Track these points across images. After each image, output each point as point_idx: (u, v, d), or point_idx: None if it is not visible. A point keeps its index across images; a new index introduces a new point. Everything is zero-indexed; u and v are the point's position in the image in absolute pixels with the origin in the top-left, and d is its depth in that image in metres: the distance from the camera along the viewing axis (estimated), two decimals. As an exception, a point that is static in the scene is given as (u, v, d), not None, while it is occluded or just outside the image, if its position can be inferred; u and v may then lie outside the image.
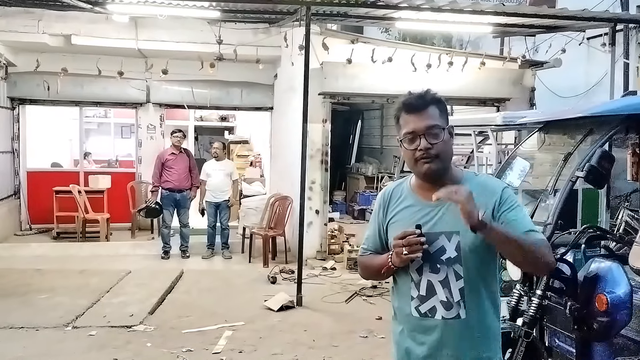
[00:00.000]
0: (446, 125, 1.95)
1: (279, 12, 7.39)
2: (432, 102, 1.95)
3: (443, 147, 1.91)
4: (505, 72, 8.57)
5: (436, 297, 1.94)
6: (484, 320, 1.97)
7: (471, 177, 2.03)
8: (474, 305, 1.93)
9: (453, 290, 1.92)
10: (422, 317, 1.96)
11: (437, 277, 1.93)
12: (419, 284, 1.96)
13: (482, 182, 2.00)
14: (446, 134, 1.93)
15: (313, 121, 7.35)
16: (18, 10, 8.25)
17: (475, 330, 1.94)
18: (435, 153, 1.90)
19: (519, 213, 1.93)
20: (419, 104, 1.94)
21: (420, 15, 6.69)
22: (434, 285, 1.94)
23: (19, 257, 8.06)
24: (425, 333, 1.97)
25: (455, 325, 1.93)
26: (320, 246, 8.35)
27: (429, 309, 1.95)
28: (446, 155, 1.93)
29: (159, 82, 9.70)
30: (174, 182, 8.25)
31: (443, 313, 1.93)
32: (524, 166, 4.61)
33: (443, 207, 1.93)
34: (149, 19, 8.30)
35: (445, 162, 1.94)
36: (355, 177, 13.06)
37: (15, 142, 9.56)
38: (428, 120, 1.91)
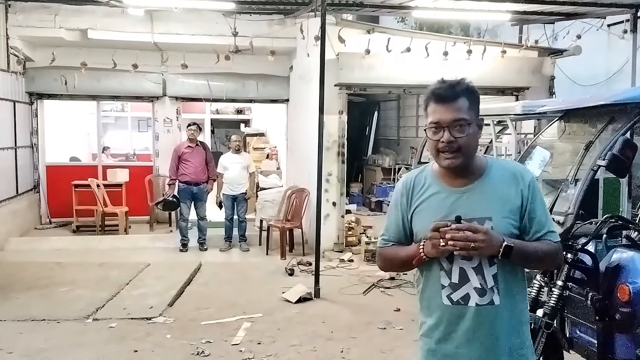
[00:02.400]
0: (475, 118, 1.91)
1: (294, 3, 7.37)
2: (463, 93, 1.90)
3: (467, 141, 1.88)
4: (524, 61, 8.44)
5: (469, 284, 1.92)
6: (516, 305, 1.97)
7: (495, 163, 2.00)
8: (507, 291, 1.92)
9: (487, 277, 1.91)
10: (455, 304, 1.94)
11: (470, 264, 1.92)
12: (451, 272, 1.94)
13: (508, 168, 1.98)
14: (473, 128, 1.90)
15: (329, 113, 7.32)
16: (35, 5, 8.35)
17: (508, 315, 1.94)
18: (457, 146, 1.87)
19: (542, 207, 1.93)
20: (448, 94, 1.89)
21: (437, 4, 6.62)
22: (466, 272, 1.92)
23: (39, 250, 8.18)
24: (457, 321, 1.95)
25: (489, 311, 1.92)
26: (338, 238, 8.34)
27: (462, 296, 1.94)
28: (469, 149, 1.90)
29: (175, 76, 9.74)
30: (190, 175, 8.30)
31: (477, 300, 1.92)
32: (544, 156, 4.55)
33: (471, 192, 1.92)
34: (164, 12, 8.33)
35: (468, 156, 1.91)
36: (372, 169, 13.01)
37: (34, 137, 9.67)
38: (455, 113, 1.87)
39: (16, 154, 8.94)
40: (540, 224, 1.91)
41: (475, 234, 1.77)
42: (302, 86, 8.89)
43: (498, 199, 1.90)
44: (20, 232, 8.90)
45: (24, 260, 7.57)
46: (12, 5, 8.51)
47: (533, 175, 1.98)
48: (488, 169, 1.95)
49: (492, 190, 1.92)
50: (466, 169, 1.93)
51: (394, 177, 12.10)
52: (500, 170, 1.95)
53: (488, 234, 1.79)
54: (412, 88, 8.44)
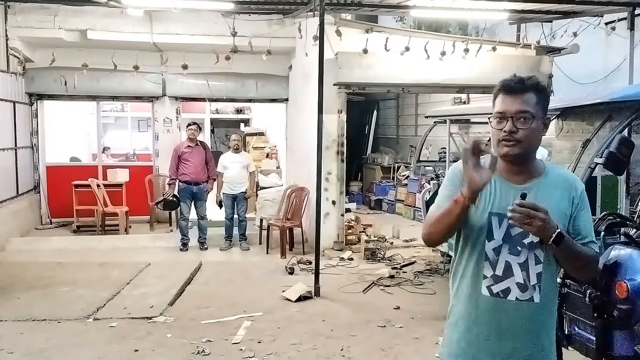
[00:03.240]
0: (541, 115, 1.95)
1: (293, 3, 7.39)
2: (531, 88, 1.94)
3: (528, 134, 1.91)
4: (522, 59, 8.45)
5: (512, 278, 1.96)
6: (552, 308, 2.04)
7: (553, 169, 2.05)
8: (547, 290, 1.97)
9: (531, 274, 1.95)
10: (494, 296, 1.98)
11: (517, 259, 1.96)
12: (496, 264, 1.97)
13: (563, 175, 2.04)
14: (536, 123, 1.93)
15: (328, 112, 7.34)
16: (34, 6, 8.38)
17: (545, 315, 2.00)
18: (518, 138, 1.91)
19: (588, 218, 1.99)
20: (516, 87, 1.94)
21: (435, 3, 6.63)
22: (512, 266, 1.96)
23: (40, 250, 8.21)
24: (494, 314, 1.98)
25: (529, 307, 1.96)
26: (337, 237, 8.36)
27: (503, 289, 1.97)
28: (529, 142, 1.93)
29: (175, 76, 9.75)
30: (190, 175, 8.32)
31: (517, 294, 1.96)
32: (542, 154, 4.57)
33: (528, 190, 1.93)
34: (163, 13, 8.35)
35: (527, 149, 1.94)
36: (372, 168, 13.04)
37: (34, 137, 9.69)
38: (521, 105, 1.92)
39: (16, 155, 8.96)
40: (585, 232, 1.97)
41: (537, 212, 1.79)
42: (302, 85, 8.91)
43: (551, 201, 1.92)
44: (21, 232, 8.93)
45: (24, 260, 7.59)
46: (12, 6, 8.52)
47: (583, 187, 2.02)
48: (546, 172, 2.00)
49: (547, 192, 1.96)
50: (525, 166, 1.98)
51: (393, 176, 12.14)
52: (556, 175, 2.01)
53: (547, 216, 1.81)
54: (410, 87, 8.46)
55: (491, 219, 1.97)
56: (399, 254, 7.79)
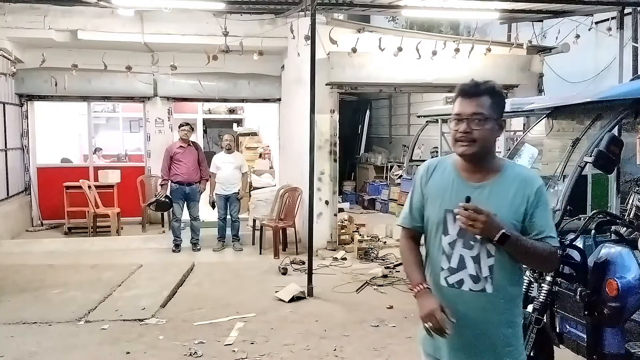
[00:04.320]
0: (495, 117, 2.06)
1: (284, 3, 7.37)
2: (486, 92, 2.07)
3: (482, 135, 2.04)
4: (513, 59, 8.49)
5: (465, 270, 2.10)
6: (510, 300, 2.12)
7: (511, 167, 2.14)
8: (501, 284, 2.08)
9: (483, 266, 2.08)
10: (450, 287, 2.13)
11: (470, 252, 2.09)
12: (451, 257, 2.12)
13: (520, 173, 2.11)
14: (490, 124, 2.05)
15: (321, 112, 7.34)
16: (24, 6, 8.30)
17: (500, 306, 2.10)
18: (473, 137, 2.04)
19: (545, 214, 2.06)
20: (472, 91, 2.07)
21: (426, 3, 6.64)
22: (465, 259, 2.10)
23: (31, 252, 8.15)
24: (451, 303, 2.10)
25: (480, 298, 2.09)
26: (331, 237, 8.36)
27: (457, 281, 2.12)
28: (484, 142, 2.05)
29: (166, 76, 9.71)
30: (183, 176, 8.29)
31: (470, 286, 2.10)
32: (532, 153, 4.59)
33: (484, 188, 2.08)
34: (154, 13, 8.31)
35: (482, 148, 2.06)
36: (365, 167, 13.05)
37: (25, 139, 9.63)
38: (475, 107, 2.04)
39: (6, 156, 8.91)
40: (541, 228, 2.04)
41: (478, 215, 1.94)
42: (294, 85, 8.90)
43: (505, 199, 2.04)
44: (12, 235, 8.86)
45: (15, 262, 7.54)
46: (1, 6, 8.43)
47: (542, 184, 2.08)
48: (503, 170, 2.10)
49: (501, 189, 2.06)
50: (482, 165, 2.10)
51: (386, 175, 12.15)
52: (513, 173, 2.09)
53: (489, 218, 1.95)
54: (402, 87, 8.47)
55: (446, 215, 2.12)
56: (392, 254, 7.80)
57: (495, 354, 2.11)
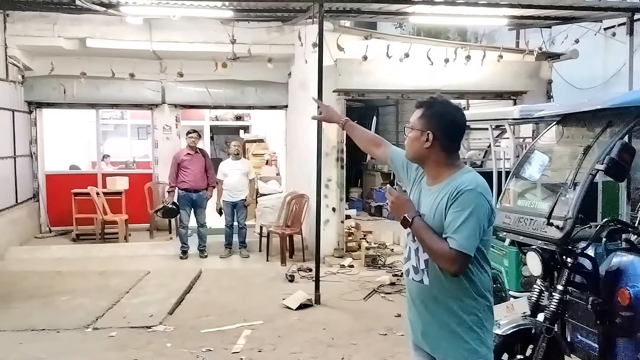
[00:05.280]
0: (419, 127, 2.27)
1: (292, 10, 7.38)
2: (421, 105, 2.32)
3: (407, 142, 2.33)
4: (521, 65, 8.45)
5: (410, 261, 2.37)
6: (448, 292, 2.23)
7: (460, 175, 2.25)
8: (437, 277, 2.24)
9: (420, 259, 2.30)
10: (405, 274, 2.43)
11: (414, 245, 2.33)
12: (406, 247, 2.42)
13: (457, 179, 2.22)
14: (413, 133, 2.29)
15: (328, 118, 7.31)
16: (33, 14, 8.36)
17: (440, 298, 2.25)
18: (407, 144, 2.34)
19: (456, 217, 2.14)
20: (415, 104, 2.36)
21: (434, 10, 6.62)
22: (411, 251, 2.36)
23: (39, 259, 8.18)
24: (407, 289, 2.44)
25: (421, 288, 2.31)
26: (338, 244, 8.34)
27: (407, 269, 2.40)
28: (409, 149, 2.34)
29: (174, 83, 9.75)
30: (190, 182, 8.30)
31: (413, 275, 2.35)
32: (542, 160, 4.55)
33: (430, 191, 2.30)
34: (162, 20, 8.36)
35: (411, 154, 2.35)
36: (371, 174, 13.01)
37: (34, 146, 9.67)
38: (411, 118, 2.33)
39: (15, 163, 8.94)
40: (447, 227, 2.16)
41: (391, 195, 2.29)
42: (301, 92, 8.90)
43: (437, 202, 2.22)
44: (20, 241, 8.90)
45: (24, 269, 7.57)
46: (11, 14, 8.52)
47: (469, 190, 2.16)
48: (451, 178, 2.24)
49: (439, 193, 2.24)
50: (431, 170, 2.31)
51: (393, 181, 12.09)
52: (453, 181, 2.22)
53: (398, 200, 2.28)
54: (410, 93, 8.45)
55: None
56: (400, 261, 7.74)
57: (449, 343, 2.24)
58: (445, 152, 2.27)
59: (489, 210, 2.19)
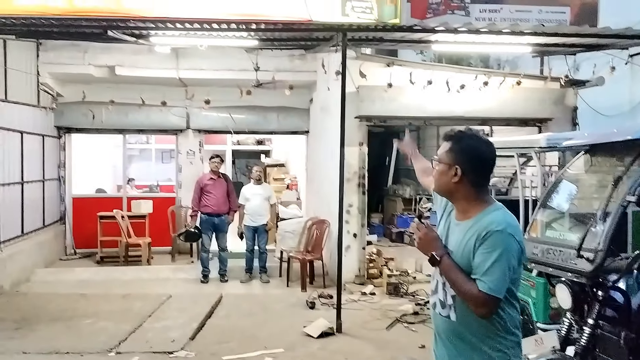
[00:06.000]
0: (447, 161, 2.24)
1: (315, 39, 7.48)
2: (449, 138, 2.29)
3: (435, 175, 2.31)
4: (546, 92, 8.41)
5: (437, 295, 2.33)
6: (473, 325, 2.19)
7: (488, 212, 2.20)
8: (464, 314, 2.20)
9: (448, 294, 2.26)
10: (431, 307, 2.40)
11: (442, 279, 2.28)
12: (433, 279, 2.37)
13: (487, 218, 2.18)
14: (442, 167, 2.25)
15: (350, 144, 7.36)
16: (65, 43, 8.63)
17: (464, 333, 2.22)
18: (434, 177, 2.32)
19: (485, 259, 2.10)
20: (444, 136, 2.33)
21: (457, 38, 6.64)
22: (438, 284, 2.32)
23: (64, 281, 8.28)
24: (434, 321, 2.39)
25: (447, 323, 2.28)
26: (359, 270, 8.27)
27: (433, 303, 2.37)
28: (437, 182, 2.30)
29: (199, 109, 9.92)
30: (212, 207, 8.37)
31: (440, 310, 2.31)
32: (570, 189, 4.50)
33: (459, 227, 2.25)
34: (189, 49, 8.56)
35: (438, 188, 2.32)
36: (393, 199, 12.94)
37: (62, 170, 9.88)
38: (439, 150, 2.31)
39: (44, 187, 9.15)
40: (476, 269, 2.12)
41: (418, 230, 2.24)
42: (322, 118, 8.97)
43: (465, 240, 2.18)
44: (46, 263, 9.03)
45: (49, 291, 7.66)
46: (44, 43, 8.80)
47: (499, 231, 2.11)
48: (481, 214, 2.20)
49: (467, 230, 2.20)
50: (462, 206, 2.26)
51: (414, 208, 12.02)
52: (483, 219, 2.18)
53: (425, 236, 2.24)
54: (432, 120, 8.46)
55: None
56: (423, 289, 7.64)
57: None
58: (474, 188, 2.23)
59: (519, 251, 2.14)
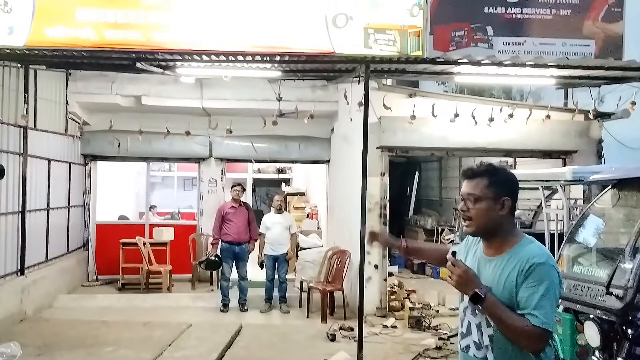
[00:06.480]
0: (491, 196, 2.19)
1: (337, 70, 7.57)
2: (482, 174, 2.24)
3: (477, 213, 2.21)
4: (570, 124, 8.35)
5: (470, 337, 2.26)
6: None
7: (524, 244, 2.19)
8: (502, 351, 2.14)
9: (484, 334, 2.20)
10: (462, 350, 2.31)
11: (475, 320, 2.24)
12: (463, 322, 2.31)
13: (525, 250, 2.16)
14: (485, 204, 2.20)
15: (371, 174, 7.35)
16: (93, 73, 8.89)
17: None
18: (469, 215, 2.23)
19: (533, 292, 2.07)
20: (469, 173, 2.28)
21: (480, 69, 6.66)
22: (471, 326, 2.26)
23: (86, 308, 8.34)
24: None
25: None
26: (380, 302, 8.17)
27: (465, 345, 2.29)
28: (480, 221, 2.21)
29: (221, 138, 10.05)
30: (233, 235, 8.40)
31: (474, 352, 2.24)
32: (597, 224, 4.42)
33: (492, 262, 2.21)
34: (213, 79, 8.73)
35: (480, 227, 2.23)
36: (414, 230, 12.84)
37: (86, 196, 10.05)
38: (470, 188, 2.24)
39: (69, 213, 9.30)
40: (525, 304, 2.07)
41: (456, 268, 2.13)
42: (344, 148, 9.01)
43: (505, 275, 2.14)
44: (68, 289, 9.11)
45: (71, 318, 7.70)
46: (73, 73, 9.06)
47: (542, 263, 2.09)
48: (515, 247, 2.18)
49: (505, 264, 2.17)
50: (495, 241, 2.23)
51: (436, 239, 11.89)
52: (520, 252, 2.16)
53: (464, 274, 2.13)
54: (455, 151, 8.44)
55: None
56: (446, 323, 7.50)
57: None
58: (512, 217, 2.26)
59: (560, 283, 2.15)
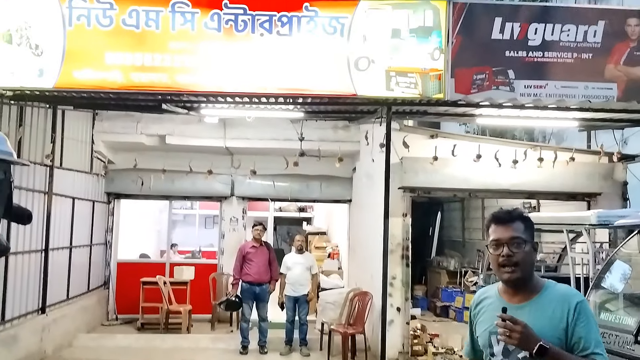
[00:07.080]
0: (530, 239, 2.19)
1: (359, 112, 7.65)
2: (518, 218, 2.22)
3: (523, 257, 2.15)
4: (594, 166, 8.23)
5: None
6: None
7: (552, 286, 2.19)
8: None
9: None
10: None
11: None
12: None
13: (560, 291, 2.16)
14: (528, 247, 2.17)
15: (393, 215, 7.30)
16: (119, 113, 9.12)
17: None
18: (515, 261, 2.14)
19: (588, 330, 2.05)
20: (506, 217, 2.23)
21: (502, 112, 6.66)
22: None
23: (105, 347, 8.29)
24: None
25: None
26: (402, 347, 7.96)
27: None
28: (526, 264, 2.16)
29: (243, 177, 10.14)
30: (254, 275, 8.33)
31: None
32: (624, 269, 4.31)
33: (524, 309, 2.14)
34: (236, 119, 8.87)
35: (525, 271, 2.16)
36: (437, 271, 12.61)
37: (109, 234, 10.15)
38: (512, 232, 2.18)
39: (91, 251, 9.38)
40: (585, 344, 2.03)
41: (515, 325, 2.01)
42: (365, 188, 9.00)
43: (546, 318, 2.08)
44: (88, 328, 9.10)
45: (90, 357, 7.69)
46: (100, 113, 9.31)
47: (583, 300, 2.11)
48: (543, 289, 2.17)
49: (541, 308, 2.12)
50: (523, 287, 2.18)
51: (459, 281, 11.66)
52: (553, 292, 2.15)
53: (525, 329, 2.00)
54: (477, 192, 8.36)
55: (490, 337, 2.21)
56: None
57: None
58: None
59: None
